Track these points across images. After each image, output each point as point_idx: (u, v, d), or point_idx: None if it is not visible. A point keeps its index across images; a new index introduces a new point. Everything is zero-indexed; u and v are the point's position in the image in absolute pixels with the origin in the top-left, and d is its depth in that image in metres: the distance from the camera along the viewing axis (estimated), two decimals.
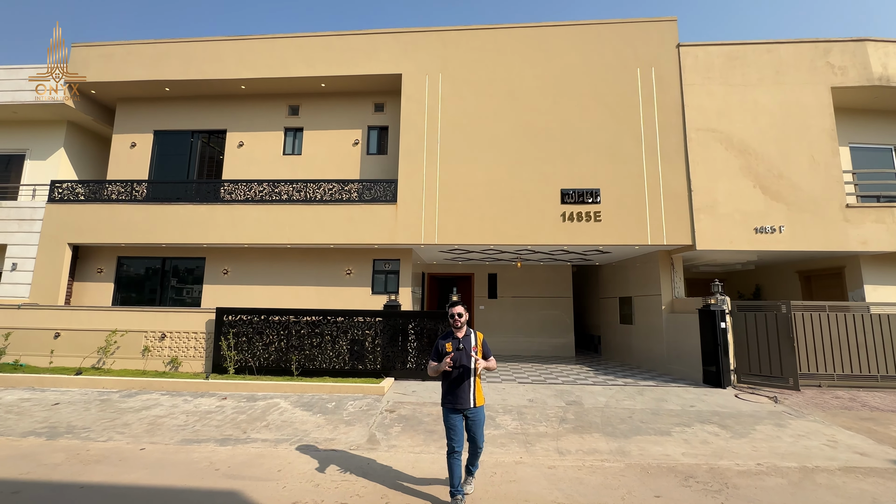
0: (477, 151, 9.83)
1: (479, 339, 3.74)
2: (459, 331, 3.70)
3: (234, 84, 11.05)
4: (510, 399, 7.11)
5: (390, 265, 10.55)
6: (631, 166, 9.51)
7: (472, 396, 3.59)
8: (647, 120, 9.63)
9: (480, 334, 3.79)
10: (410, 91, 10.20)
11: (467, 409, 3.59)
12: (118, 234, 10.23)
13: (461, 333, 3.70)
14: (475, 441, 3.66)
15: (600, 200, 9.42)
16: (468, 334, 3.72)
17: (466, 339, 3.68)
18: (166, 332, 8.90)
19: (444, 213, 9.64)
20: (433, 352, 3.78)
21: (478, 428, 3.64)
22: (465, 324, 3.74)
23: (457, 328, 3.70)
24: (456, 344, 3.64)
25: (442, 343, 3.71)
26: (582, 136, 9.73)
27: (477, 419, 3.63)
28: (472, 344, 3.66)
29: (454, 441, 3.56)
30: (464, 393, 3.59)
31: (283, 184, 10.16)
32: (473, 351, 3.63)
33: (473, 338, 3.71)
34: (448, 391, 3.67)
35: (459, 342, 3.65)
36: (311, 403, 6.83)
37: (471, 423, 3.63)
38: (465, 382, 3.59)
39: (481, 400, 3.67)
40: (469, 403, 3.58)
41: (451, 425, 3.60)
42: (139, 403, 6.75)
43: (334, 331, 8.51)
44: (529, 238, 9.48)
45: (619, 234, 9.30)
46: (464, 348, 3.61)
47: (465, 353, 3.60)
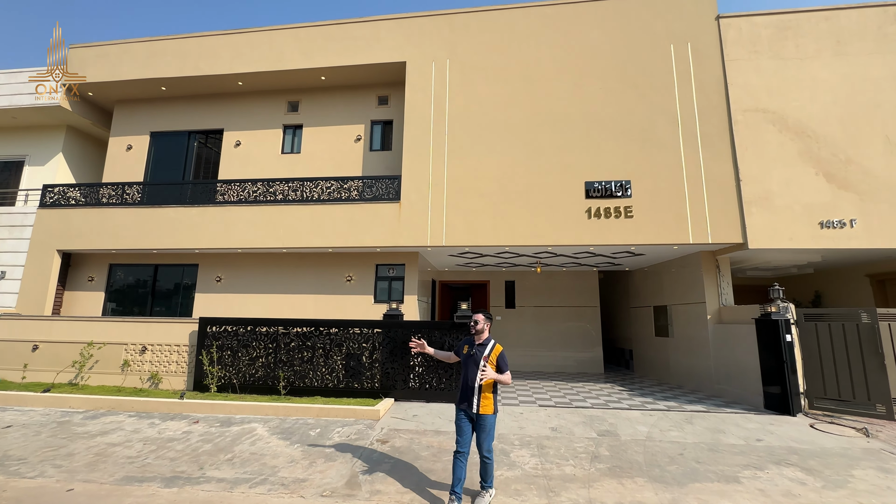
0: (489, 143, 8.81)
1: (496, 352, 3.76)
2: (479, 336, 3.84)
3: (231, 80, 10.44)
4: (529, 427, 5.89)
5: (394, 271, 9.54)
6: (666, 154, 8.27)
7: (476, 401, 3.66)
8: (685, 101, 8.41)
9: (499, 347, 3.82)
10: (415, 80, 9.30)
11: (472, 412, 3.67)
12: (107, 240, 9.61)
13: (479, 340, 3.83)
14: (480, 447, 3.67)
15: (631, 194, 8.21)
16: (485, 343, 3.81)
17: (482, 347, 3.78)
18: (147, 344, 8.10)
19: (453, 212, 8.60)
20: (457, 348, 4.02)
21: (483, 434, 3.66)
22: (481, 331, 3.83)
23: (473, 334, 3.86)
24: (471, 349, 3.80)
25: (464, 343, 3.93)
26: (608, 123, 8.58)
27: (482, 425, 3.67)
28: (485, 353, 3.73)
29: (460, 441, 3.67)
30: (468, 394, 3.71)
31: (277, 183, 9.36)
32: (484, 361, 3.69)
33: (490, 348, 3.77)
34: (460, 390, 3.82)
35: (473, 349, 3.79)
36: (291, 430, 5.81)
37: (476, 428, 3.70)
38: (471, 387, 3.70)
39: (488, 409, 3.67)
40: (473, 407, 3.66)
41: (458, 424, 3.73)
42: (98, 427, 5.88)
43: (327, 344, 7.51)
44: (549, 238, 8.32)
45: (654, 233, 8.03)
46: (475, 355, 3.74)
47: (472, 361, 3.74)
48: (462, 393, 3.74)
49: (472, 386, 3.67)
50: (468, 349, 3.81)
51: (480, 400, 3.64)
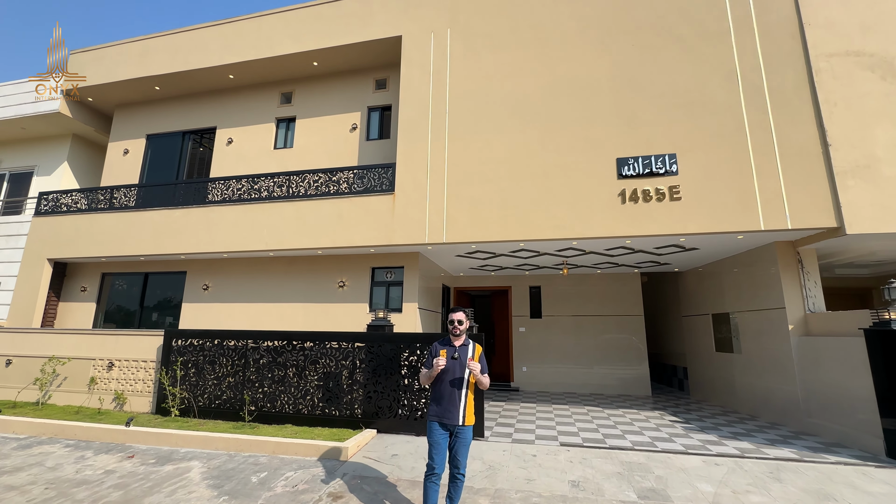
0: (497, 120, 7.39)
1: (478, 352, 3.41)
2: (458, 339, 3.40)
3: (222, 74, 9.73)
4: (540, 480, 4.30)
5: (392, 275, 8.25)
6: (723, 119, 6.48)
7: (462, 412, 3.26)
8: (745, 52, 6.60)
9: (479, 347, 3.46)
10: (412, 55, 8.09)
11: (455, 426, 3.25)
12: (93, 247, 9.04)
13: (459, 342, 3.41)
14: (457, 464, 3.26)
15: (677, 170, 6.47)
16: (466, 344, 3.43)
17: (463, 349, 3.39)
18: (115, 360, 7.26)
19: (455, 203, 7.22)
20: (427, 357, 3.50)
21: (462, 449, 3.27)
22: (464, 332, 3.42)
23: (455, 335, 3.39)
24: (451, 352, 3.36)
25: (437, 349, 3.43)
26: (644, 86, 6.92)
27: (462, 438, 3.27)
28: (468, 355, 3.36)
29: (435, 460, 3.22)
30: (453, 406, 3.27)
31: (263, 178, 8.41)
32: (469, 363, 3.31)
33: (471, 349, 3.40)
34: (436, 401, 3.34)
35: (455, 351, 3.37)
36: (233, 472, 4.57)
37: (455, 442, 3.27)
38: (457, 395, 3.29)
39: (471, 419, 3.31)
40: (458, 419, 3.24)
41: (434, 441, 3.26)
42: (19, 461, 4.93)
43: (301, 361, 6.29)
44: (573, 230, 6.72)
45: (710, 218, 6.23)
46: (459, 357, 3.33)
47: (459, 364, 3.32)
48: (445, 404, 3.26)
49: (459, 392, 3.27)
50: (448, 353, 3.34)
51: (466, 410, 3.27)
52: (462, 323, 3.35)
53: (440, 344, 3.45)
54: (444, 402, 3.27)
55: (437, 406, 3.30)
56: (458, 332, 3.35)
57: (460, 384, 3.28)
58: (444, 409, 3.25)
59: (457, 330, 3.34)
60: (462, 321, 3.36)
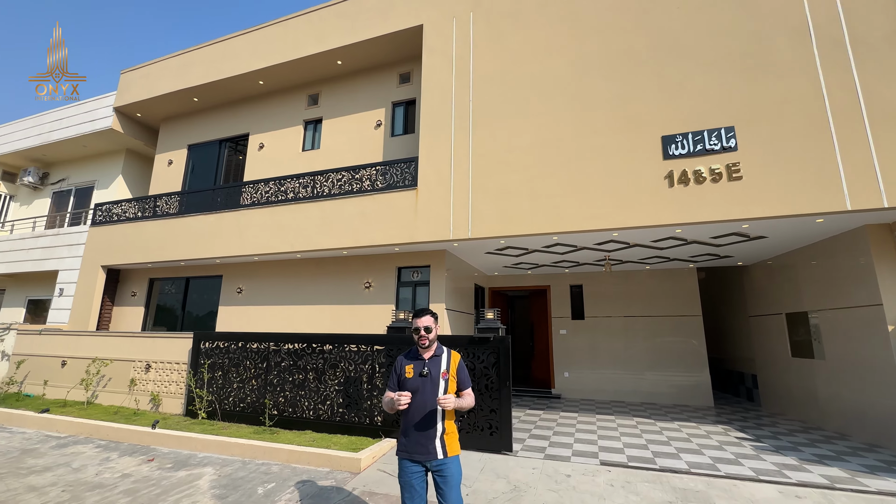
0: (524, 104, 6.81)
1: (454, 363, 2.63)
2: (426, 350, 2.63)
3: (253, 80, 9.89)
4: None
5: (419, 274, 7.88)
6: (792, 81, 5.49)
7: (440, 443, 2.49)
8: (818, 2, 5.56)
9: (456, 355, 2.67)
10: (433, 42, 7.71)
11: (431, 461, 2.48)
12: (138, 254, 9.48)
13: (428, 354, 2.63)
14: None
15: (736, 145, 5.55)
16: (438, 355, 2.64)
17: (435, 361, 2.61)
18: (151, 361, 7.46)
19: (480, 195, 6.72)
20: (390, 376, 2.71)
21: (450, 490, 2.46)
22: (434, 341, 2.65)
23: (422, 347, 2.62)
24: (419, 368, 2.59)
25: (402, 364, 2.66)
26: (692, 52, 6.05)
27: (448, 476, 2.47)
28: (441, 369, 2.58)
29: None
30: (425, 438, 2.49)
31: (288, 180, 8.37)
32: (443, 379, 2.56)
33: (445, 360, 2.62)
34: (404, 432, 2.58)
35: (424, 365, 2.59)
36: (241, 482, 4.36)
37: (438, 482, 2.48)
38: (429, 422, 2.51)
39: (454, 448, 2.53)
40: (434, 453, 2.48)
41: (406, 482, 2.51)
42: (51, 461, 5.05)
43: (320, 364, 6.06)
44: (612, 219, 5.98)
45: (781, 198, 5.27)
46: (429, 373, 2.56)
47: (429, 382, 2.55)
48: (415, 435, 2.51)
49: (433, 418, 2.51)
50: (414, 370, 2.60)
51: (445, 439, 2.51)
52: (430, 331, 2.59)
53: (406, 357, 2.70)
54: (412, 432, 2.52)
55: (405, 438, 2.55)
56: (426, 342, 2.59)
57: (434, 407, 2.51)
58: (413, 442, 2.50)
59: (424, 340, 2.58)
60: (430, 328, 2.59)
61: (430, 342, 2.61)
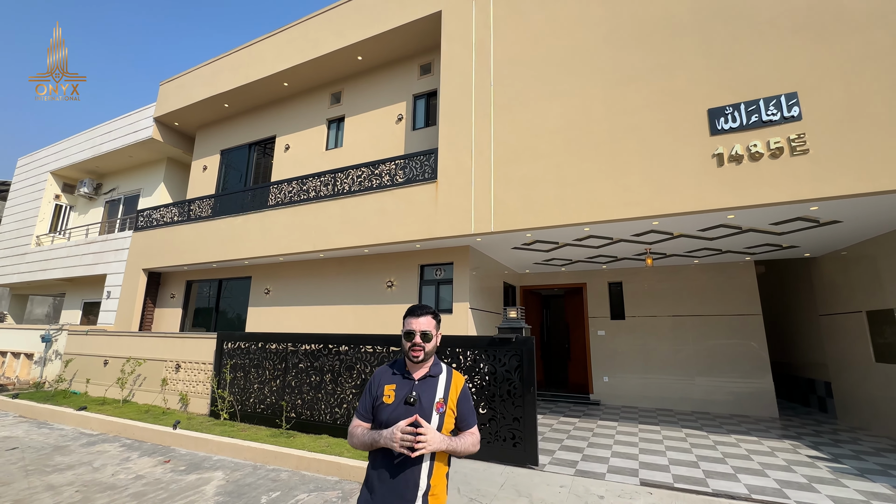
0: (549, 84, 6.28)
1: (455, 389, 1.77)
2: (419, 366, 1.78)
3: (277, 83, 9.96)
4: None
5: (442, 272, 7.51)
6: (868, 35, 4.63)
7: (421, 496, 1.62)
8: None
9: (460, 378, 1.81)
10: (452, 28, 7.34)
11: None
12: (174, 257, 9.79)
13: (420, 372, 1.77)
14: None
15: (800, 113, 4.75)
16: (434, 375, 1.77)
17: (428, 384, 1.74)
18: (181, 362, 7.57)
19: (503, 185, 6.26)
20: (362, 397, 1.83)
21: None
22: (431, 354, 1.78)
23: (414, 360, 1.76)
24: (404, 390, 1.73)
25: (381, 382, 1.79)
26: (742, 13, 5.29)
27: None
28: (435, 396, 1.72)
29: None
30: (402, 487, 1.62)
31: (310, 179, 8.29)
32: (437, 412, 1.69)
33: (443, 384, 1.75)
34: (369, 485, 1.68)
35: (411, 389, 1.72)
36: (246, 489, 4.16)
37: None
38: (408, 476, 1.62)
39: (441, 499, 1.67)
40: None
41: None
42: (76, 458, 5.12)
43: (336, 366, 5.82)
44: (651, 206, 5.33)
45: (858, 174, 4.43)
46: (418, 401, 1.69)
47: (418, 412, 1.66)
48: (383, 494, 1.63)
49: (412, 474, 1.63)
50: (397, 393, 1.73)
51: (432, 492, 1.65)
52: (429, 338, 1.75)
53: (390, 368, 1.84)
54: (381, 486, 1.65)
55: (370, 494, 1.67)
56: (420, 354, 1.74)
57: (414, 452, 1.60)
58: (382, 498, 1.63)
59: (418, 352, 1.74)
60: (429, 335, 1.75)
61: (427, 355, 1.75)
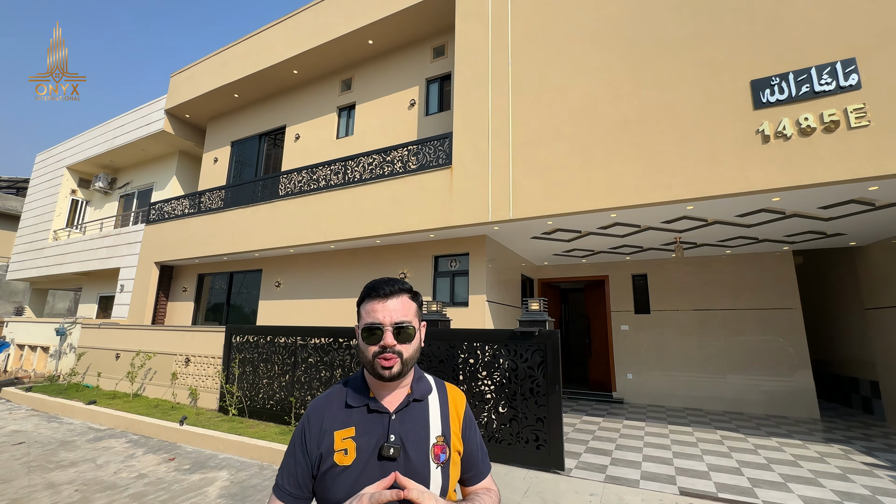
0: (572, 61, 5.84)
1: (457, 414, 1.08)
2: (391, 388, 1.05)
3: (287, 70, 9.70)
4: None
5: (457, 263, 7.16)
6: None
7: None
8: None
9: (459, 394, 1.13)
10: (466, 5, 6.93)
11: None
12: (185, 249, 9.65)
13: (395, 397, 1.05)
14: None
15: (858, 81, 4.24)
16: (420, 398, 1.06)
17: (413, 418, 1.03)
18: (190, 355, 7.41)
19: (522, 169, 5.86)
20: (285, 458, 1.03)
21: None
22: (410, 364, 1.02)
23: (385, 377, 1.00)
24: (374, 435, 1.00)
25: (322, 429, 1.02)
26: None
27: None
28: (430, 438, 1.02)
29: None
30: None
31: (320, 167, 8.01)
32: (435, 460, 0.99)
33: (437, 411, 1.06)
34: None
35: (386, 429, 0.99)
36: (250, 491, 3.91)
37: None
38: None
39: None
40: None
41: None
42: (80, 454, 4.95)
43: (346, 360, 5.54)
44: (686, 188, 4.88)
45: None
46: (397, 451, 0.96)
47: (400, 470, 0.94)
48: None
49: None
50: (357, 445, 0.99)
51: None
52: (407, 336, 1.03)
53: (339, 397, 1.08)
54: None
55: None
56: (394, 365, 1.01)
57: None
58: None
59: (390, 360, 1.01)
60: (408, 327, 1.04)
61: (405, 366, 1.03)
